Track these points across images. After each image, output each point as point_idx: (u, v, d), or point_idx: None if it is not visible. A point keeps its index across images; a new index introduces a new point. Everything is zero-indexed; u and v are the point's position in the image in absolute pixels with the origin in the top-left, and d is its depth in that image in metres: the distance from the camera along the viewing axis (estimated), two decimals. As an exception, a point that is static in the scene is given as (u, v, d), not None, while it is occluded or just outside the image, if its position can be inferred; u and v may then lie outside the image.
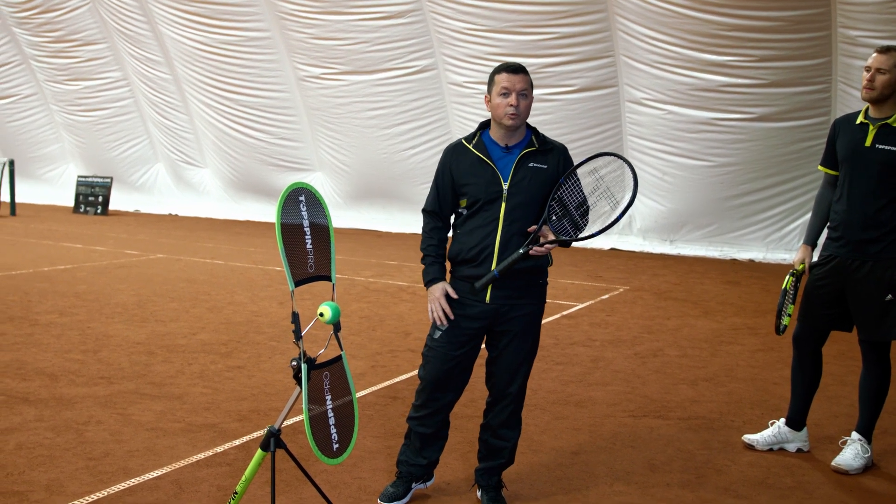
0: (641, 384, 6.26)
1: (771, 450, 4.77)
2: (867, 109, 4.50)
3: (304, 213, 3.48)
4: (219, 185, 20.17)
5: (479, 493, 4.08)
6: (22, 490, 4.03)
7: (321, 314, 3.38)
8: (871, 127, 4.43)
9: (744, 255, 14.12)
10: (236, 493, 3.54)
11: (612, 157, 3.96)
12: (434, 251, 3.97)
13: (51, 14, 19.88)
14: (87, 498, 3.96)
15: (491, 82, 3.84)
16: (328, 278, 3.54)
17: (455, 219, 4.00)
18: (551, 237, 3.75)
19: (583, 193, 3.87)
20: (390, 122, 16.63)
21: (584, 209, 3.85)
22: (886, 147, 4.36)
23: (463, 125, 15.47)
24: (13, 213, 19.35)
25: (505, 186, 3.79)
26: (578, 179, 3.89)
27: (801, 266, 4.68)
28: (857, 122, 4.53)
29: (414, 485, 4.10)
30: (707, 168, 14.03)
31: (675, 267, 13.08)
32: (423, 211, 4.06)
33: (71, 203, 21.49)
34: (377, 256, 13.40)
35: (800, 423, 4.82)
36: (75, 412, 5.21)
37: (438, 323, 3.88)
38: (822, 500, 4.21)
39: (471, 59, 15.03)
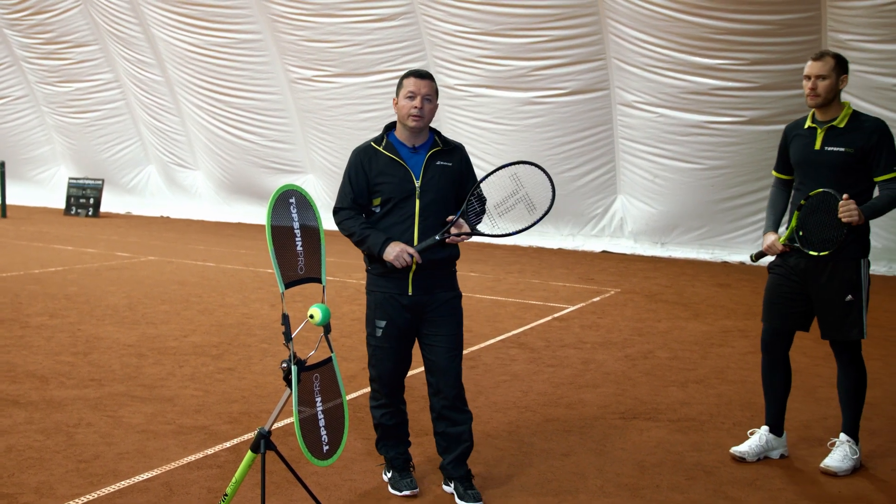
0: (632, 386, 6.28)
1: (759, 459, 4.76)
2: (814, 114, 4.61)
3: (295, 216, 3.49)
4: (210, 187, 20.13)
5: (450, 486, 4.24)
6: (11, 492, 4.02)
7: (311, 316, 3.39)
8: (818, 130, 4.54)
9: (735, 257, 14.15)
10: (226, 494, 3.54)
11: (538, 170, 4.26)
12: (367, 226, 4.12)
13: (42, 15, 19.81)
14: (76, 500, 3.96)
15: (399, 86, 4.15)
16: (318, 280, 3.55)
17: (366, 219, 4.19)
18: (466, 229, 4.05)
19: (502, 194, 4.18)
20: (382, 124, 16.28)
21: (501, 209, 4.23)
22: (835, 149, 4.47)
23: (454, 127, 15.47)
24: (4, 215, 19.28)
25: (417, 184, 4.09)
26: (500, 181, 4.20)
27: (782, 239, 4.63)
28: (806, 126, 4.63)
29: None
30: (698, 171, 14.06)
31: (666, 269, 13.12)
32: (337, 210, 4.20)
33: (62, 205, 21.42)
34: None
35: (780, 429, 4.84)
36: (65, 414, 5.20)
37: (417, 259, 4.01)
38: (813, 502, 4.23)
39: (463, 62, 15.03)
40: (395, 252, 3.98)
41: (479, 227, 4.19)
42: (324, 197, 18.14)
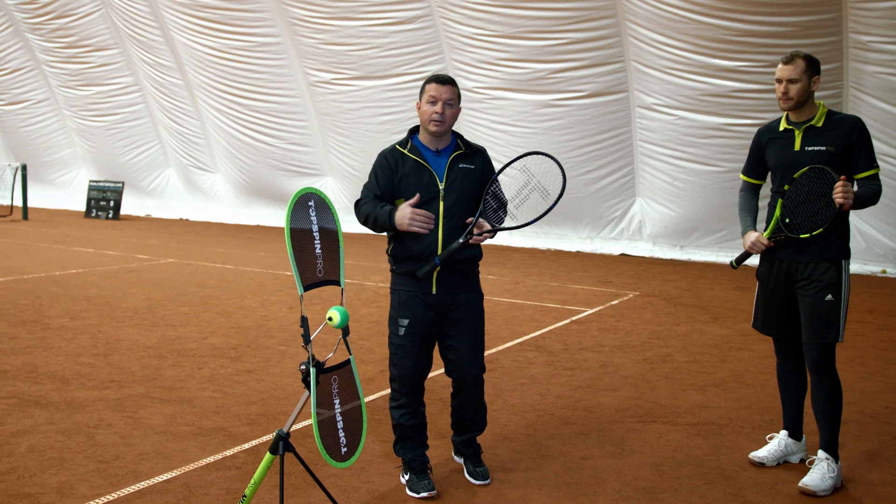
0: (650, 390, 6.25)
1: (778, 464, 4.73)
2: (787, 116, 4.56)
3: (314, 218, 3.50)
4: (230, 189, 20.24)
5: (460, 459, 4.56)
6: (33, 492, 4.05)
7: (330, 318, 3.40)
8: (796, 132, 4.49)
9: (754, 261, 13.99)
10: (245, 496, 3.55)
11: (544, 157, 4.31)
12: (380, 205, 4.17)
13: (63, 20, 20.01)
14: (97, 500, 3.98)
15: (422, 91, 4.23)
16: (337, 283, 3.56)
17: None
18: (487, 227, 4.12)
19: (515, 187, 4.26)
20: (400, 127, 16.65)
21: (517, 201, 4.29)
22: (815, 148, 4.43)
23: (473, 130, 15.47)
24: (25, 217, 19.46)
25: (441, 186, 4.19)
26: (510, 176, 4.28)
27: (766, 233, 4.59)
28: (781, 129, 4.58)
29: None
30: (717, 174, 13.99)
31: (684, 272, 13.05)
32: (358, 203, 4.28)
33: (83, 207, 21.61)
34: (386, 261, 13.40)
35: (798, 432, 4.79)
36: (86, 415, 5.24)
37: (425, 221, 4.04)
38: (832, 507, 4.20)
39: (481, 65, 15.04)
40: (405, 215, 4.01)
41: (498, 223, 4.26)
42: (342, 200, 18.19)
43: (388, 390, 6.00)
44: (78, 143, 22.41)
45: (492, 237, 4.17)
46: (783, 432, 4.79)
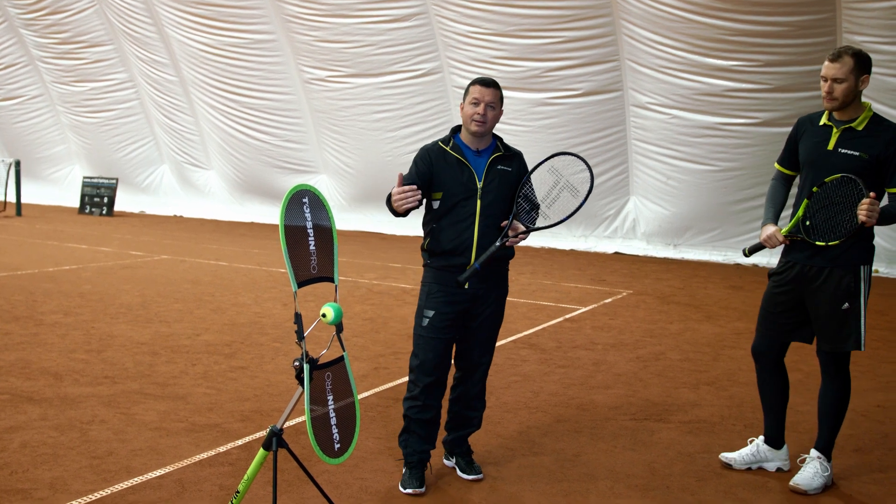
0: (643, 387, 6.27)
1: (749, 469, 4.61)
2: (831, 112, 4.34)
3: (308, 215, 3.50)
4: (224, 186, 20.22)
5: (451, 461, 4.54)
6: (26, 488, 4.06)
7: (324, 315, 3.41)
8: (834, 130, 4.28)
9: (748, 260, 14.11)
10: (238, 492, 3.56)
11: (570, 156, 4.38)
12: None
13: (58, 16, 19.95)
14: (90, 496, 3.99)
15: (466, 92, 4.35)
16: (331, 280, 3.56)
17: (426, 215, 4.40)
18: (521, 229, 4.21)
19: (545, 188, 4.33)
20: (395, 124, 16.66)
21: (548, 201, 4.35)
22: (849, 151, 4.22)
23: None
24: (19, 213, 19.41)
25: (479, 185, 4.27)
26: (540, 177, 4.38)
27: (784, 231, 4.42)
28: (821, 123, 4.37)
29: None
30: (711, 172, 14.03)
31: (678, 271, 13.09)
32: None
33: (76, 204, 21.56)
34: (381, 259, 13.42)
35: (778, 441, 4.63)
36: (79, 411, 5.24)
37: (408, 196, 4.01)
38: (822, 504, 4.22)
39: (476, 63, 15.04)
40: (394, 200, 4.01)
41: (531, 223, 4.33)
42: (336, 197, 18.20)
43: (383, 387, 6.03)
44: (72, 139, 22.36)
45: (525, 238, 4.27)
46: (761, 438, 4.68)
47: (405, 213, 4.08)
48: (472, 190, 4.25)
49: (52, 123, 22.41)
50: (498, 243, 4.17)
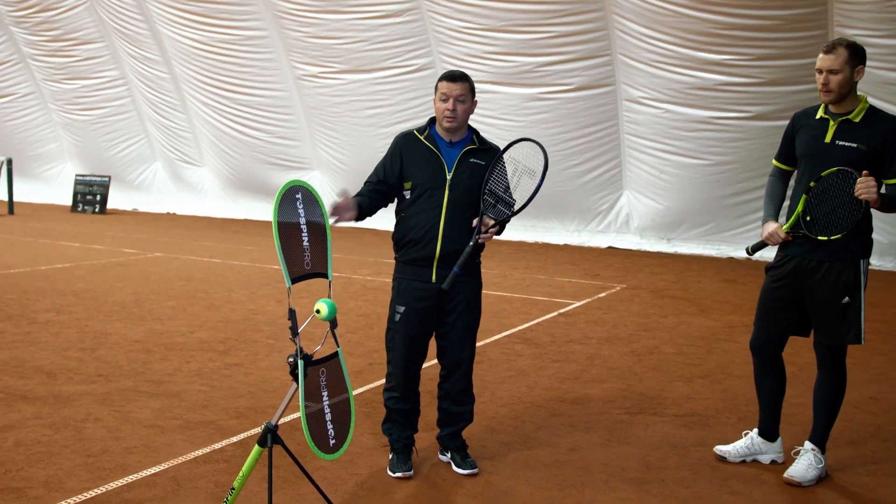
0: (637, 381, 6.29)
1: (744, 461, 4.64)
2: (827, 104, 4.33)
3: (301, 211, 3.50)
4: (217, 183, 20.17)
5: (446, 456, 4.55)
6: (20, 486, 4.05)
7: (317, 311, 3.40)
8: (831, 122, 4.27)
9: (741, 253, 14.13)
10: (233, 488, 3.56)
11: (522, 142, 4.41)
12: (360, 192, 4.46)
13: (48, 13, 19.86)
14: (85, 494, 3.98)
15: (435, 88, 4.35)
16: (325, 276, 3.56)
17: (398, 204, 4.46)
18: (491, 222, 4.26)
19: (506, 179, 4.36)
20: (388, 120, 16.63)
21: (510, 190, 4.39)
22: (847, 143, 4.20)
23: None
24: (11, 211, 19.34)
25: (449, 176, 4.30)
26: (500, 169, 4.40)
27: (785, 227, 4.38)
28: (817, 116, 4.35)
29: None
30: (704, 166, 14.06)
31: (672, 265, 13.11)
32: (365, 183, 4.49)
33: (69, 202, 21.48)
34: (375, 255, 13.42)
35: (773, 434, 4.64)
36: (73, 409, 5.23)
37: (337, 211, 4.21)
38: (817, 497, 4.23)
39: (468, 58, 15.03)
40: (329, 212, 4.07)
41: (500, 215, 4.34)
42: (330, 193, 18.14)
43: (378, 383, 6.03)
44: (64, 137, 22.28)
45: (498, 232, 4.32)
46: (755, 430, 4.70)
47: (360, 219, 4.28)
48: (440, 180, 4.28)
49: (44, 121, 22.32)
50: (472, 243, 4.22)
